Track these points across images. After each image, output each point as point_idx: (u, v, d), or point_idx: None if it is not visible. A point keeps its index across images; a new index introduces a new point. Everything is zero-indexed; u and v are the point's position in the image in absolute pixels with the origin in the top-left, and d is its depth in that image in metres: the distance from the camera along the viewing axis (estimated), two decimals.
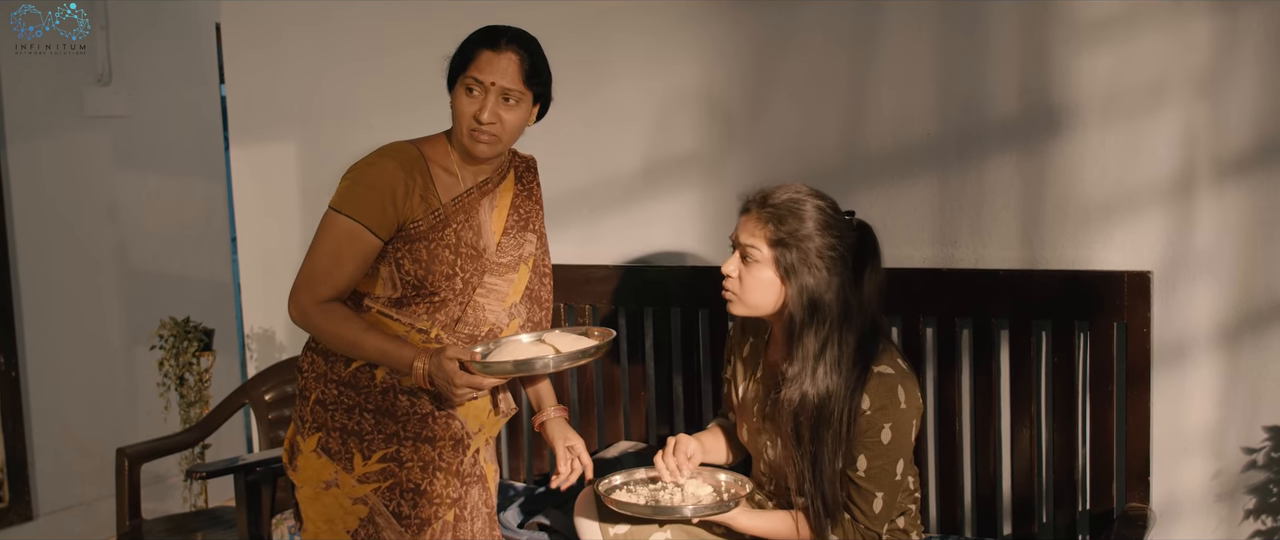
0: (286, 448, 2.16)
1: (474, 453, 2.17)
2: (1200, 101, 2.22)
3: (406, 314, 2.06)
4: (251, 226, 3.77)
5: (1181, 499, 2.31)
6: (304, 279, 2.04)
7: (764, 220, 2.05)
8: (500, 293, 2.13)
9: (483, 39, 2.02)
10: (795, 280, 2.03)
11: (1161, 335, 2.27)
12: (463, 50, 2.03)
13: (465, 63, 2.01)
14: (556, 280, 2.90)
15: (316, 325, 2.03)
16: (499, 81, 1.99)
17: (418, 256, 2.03)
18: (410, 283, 2.05)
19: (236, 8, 3.66)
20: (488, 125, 1.99)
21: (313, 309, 2.02)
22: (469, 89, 2.00)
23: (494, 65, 1.99)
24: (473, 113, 2.00)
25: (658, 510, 2.09)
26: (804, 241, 2.02)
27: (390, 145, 2.08)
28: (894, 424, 2.04)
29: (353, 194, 2.01)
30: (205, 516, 3.31)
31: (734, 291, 2.10)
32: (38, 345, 4.18)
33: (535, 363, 1.96)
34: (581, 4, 2.91)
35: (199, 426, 3.34)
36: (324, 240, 2.03)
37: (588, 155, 2.95)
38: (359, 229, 2.00)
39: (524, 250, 2.17)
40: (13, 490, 4.09)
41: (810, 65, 2.61)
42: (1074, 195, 2.35)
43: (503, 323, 2.14)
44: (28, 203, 4.14)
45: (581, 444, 2.24)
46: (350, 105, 3.37)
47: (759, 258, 2.05)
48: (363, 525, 2.07)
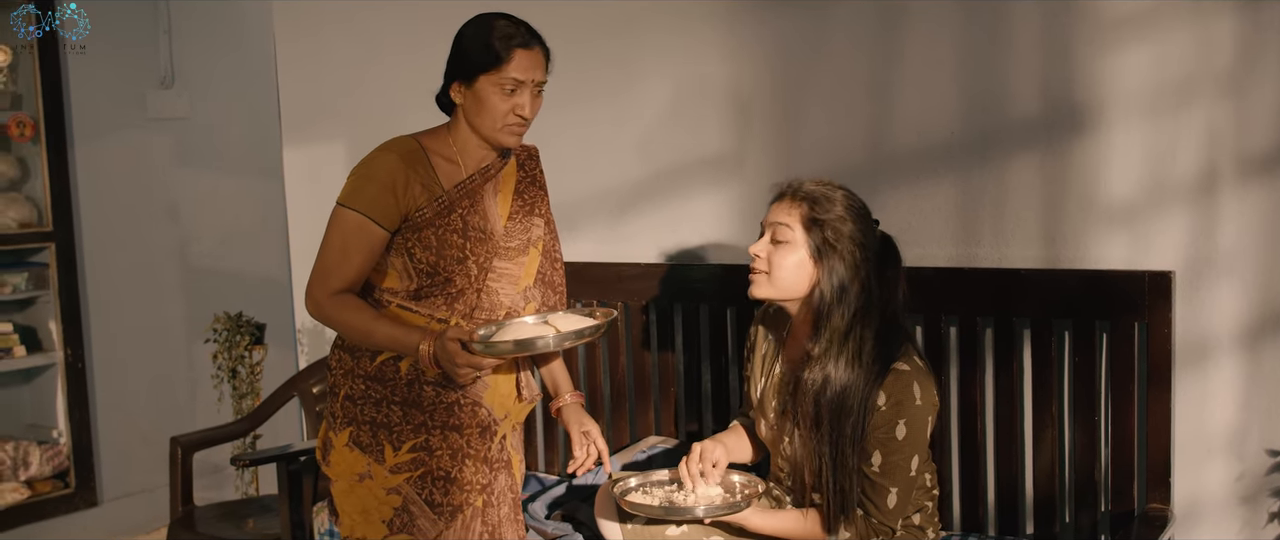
0: (320, 444, 2.23)
1: (501, 439, 2.23)
2: (1223, 101, 2.20)
3: (425, 306, 2.11)
4: (302, 224, 3.87)
5: (1204, 500, 2.29)
6: (316, 274, 2.12)
7: (799, 201, 2.10)
8: (512, 276, 2.19)
9: (514, 38, 2.06)
10: (827, 261, 2.07)
11: (1184, 335, 2.26)
12: (488, 48, 2.05)
13: (498, 62, 2.05)
14: (586, 277, 2.97)
15: (330, 316, 2.11)
16: (536, 77, 2.08)
17: (427, 243, 2.09)
18: (424, 271, 2.10)
19: (287, 10, 3.77)
20: (527, 119, 2.08)
21: (325, 301, 2.10)
22: (508, 89, 2.06)
23: (528, 62, 2.06)
24: (512, 108, 2.07)
25: (670, 510, 2.13)
26: (837, 223, 2.07)
27: (391, 140, 2.15)
28: (909, 420, 2.06)
29: (356, 188, 2.08)
30: (255, 504, 3.42)
31: (762, 272, 2.14)
32: (102, 338, 4.33)
33: (536, 342, 2.02)
34: (613, 4, 2.96)
35: (249, 417, 3.46)
36: (332, 235, 2.10)
37: (617, 154, 3.00)
38: (363, 221, 2.07)
39: (532, 234, 2.23)
40: (79, 477, 4.25)
41: (836, 65, 2.63)
42: (1096, 195, 2.34)
43: (519, 307, 2.20)
44: (93, 202, 4.29)
45: (597, 429, 2.29)
46: (396, 103, 3.45)
47: (791, 238, 2.09)
48: (397, 514, 2.12)
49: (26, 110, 4.14)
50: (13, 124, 4.09)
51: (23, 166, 4.20)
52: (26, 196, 4.19)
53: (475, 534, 2.18)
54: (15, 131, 4.10)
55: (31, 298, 4.23)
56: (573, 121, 3.04)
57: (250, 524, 3.19)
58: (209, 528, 3.12)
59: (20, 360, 4.15)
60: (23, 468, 4.08)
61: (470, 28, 2.11)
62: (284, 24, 3.81)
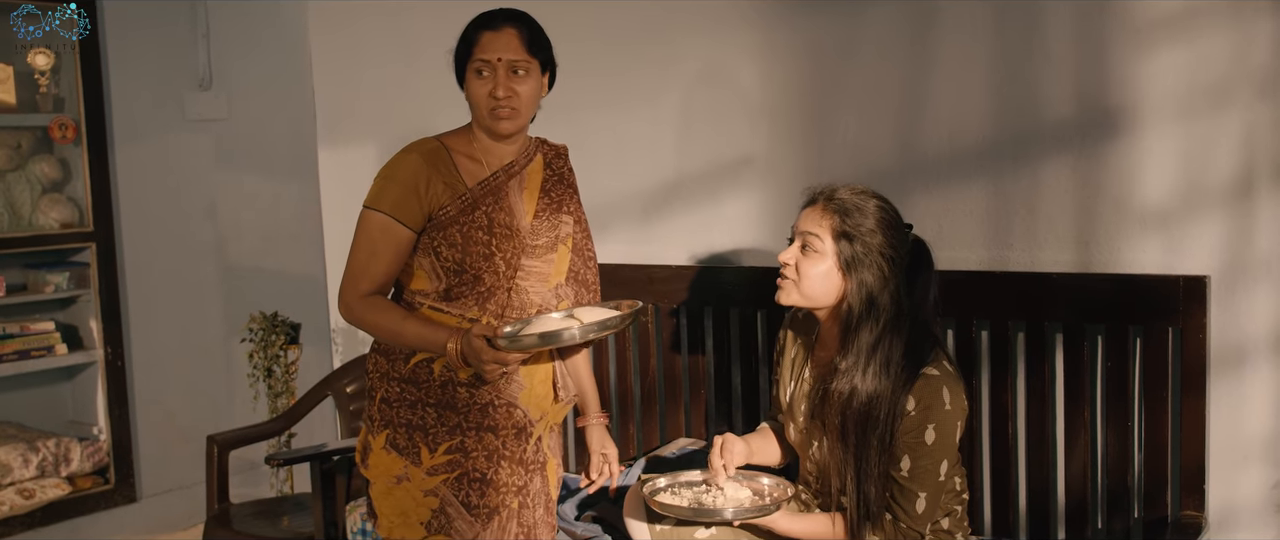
0: (359, 447, 2.25)
1: (536, 440, 2.23)
2: (1260, 103, 2.18)
3: (456, 306, 2.12)
4: (337, 224, 3.91)
5: (1239, 508, 2.26)
6: (346, 278, 2.15)
7: (830, 212, 2.10)
8: (541, 274, 2.19)
9: (480, 23, 2.12)
10: (856, 274, 2.07)
11: (1219, 341, 2.24)
12: (464, 39, 2.13)
13: (469, 48, 2.11)
14: (617, 279, 2.97)
15: (361, 318, 2.14)
16: (505, 56, 2.09)
17: (453, 240, 2.10)
18: (451, 270, 2.11)
19: (323, 11, 3.81)
20: (505, 100, 2.09)
21: (355, 303, 2.13)
22: (479, 72, 2.10)
23: (496, 42, 2.09)
24: (488, 92, 2.09)
25: (699, 512, 2.13)
26: (867, 236, 2.06)
27: (413, 141, 2.19)
28: (938, 425, 2.05)
29: (380, 190, 2.12)
30: (289, 502, 3.45)
31: (790, 279, 2.14)
32: (142, 337, 4.39)
33: (561, 334, 2.02)
34: (647, 8, 2.97)
35: (284, 416, 3.50)
36: (359, 238, 2.14)
37: (650, 155, 3.01)
38: (389, 222, 2.10)
39: (560, 232, 2.23)
40: (118, 473, 4.31)
41: (868, 69, 2.63)
42: (1130, 198, 2.32)
43: (551, 305, 2.20)
44: (133, 202, 4.35)
45: (615, 454, 2.35)
46: (430, 104, 3.46)
47: (821, 248, 2.09)
48: (434, 516, 2.14)
49: (68, 113, 4.21)
50: (55, 126, 4.16)
51: (65, 168, 4.27)
52: (68, 197, 4.26)
53: (511, 536, 2.20)
54: (57, 134, 4.17)
55: (73, 297, 4.29)
56: (606, 123, 3.05)
57: (285, 522, 3.22)
58: (244, 525, 3.16)
59: (62, 358, 4.22)
60: (64, 464, 4.15)
61: None
62: (319, 26, 3.85)
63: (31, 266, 4.21)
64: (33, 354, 4.14)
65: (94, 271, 4.23)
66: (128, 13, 4.28)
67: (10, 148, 4.15)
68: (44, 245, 4.16)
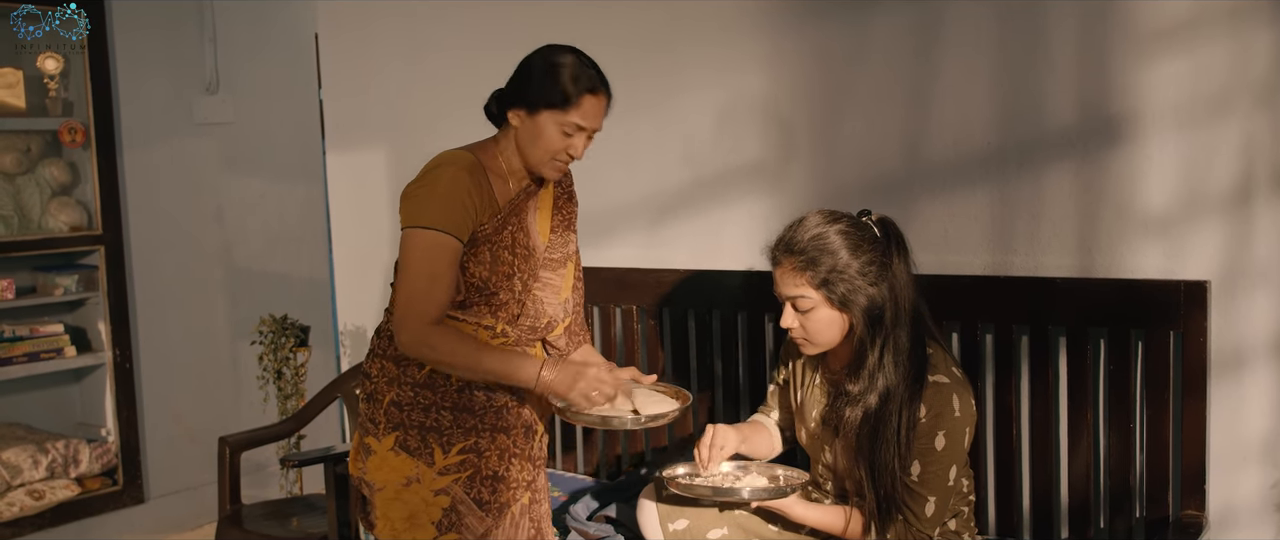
0: (354, 453, 2.23)
1: (541, 437, 2.29)
2: (1260, 112, 2.22)
3: (471, 314, 2.12)
4: (345, 229, 3.94)
5: (1239, 508, 2.30)
6: (407, 307, 2.03)
7: (800, 268, 2.12)
8: (555, 286, 2.24)
9: (588, 84, 2.06)
10: (853, 307, 2.11)
11: (1220, 345, 2.28)
12: (562, 90, 2.04)
13: (566, 103, 2.04)
14: (626, 283, 3.03)
15: (435, 347, 2.04)
16: (596, 125, 2.10)
17: (481, 259, 2.09)
18: (474, 286, 2.10)
19: (333, 14, 3.84)
20: (572, 160, 2.11)
21: (426, 332, 2.02)
22: (566, 132, 2.07)
23: (596, 111, 2.08)
24: (565, 148, 2.08)
25: (718, 492, 2.17)
26: (844, 270, 2.09)
27: (445, 155, 2.11)
28: (948, 431, 2.10)
29: (429, 206, 2.03)
30: (300, 502, 3.49)
31: (803, 338, 2.18)
32: (150, 339, 4.42)
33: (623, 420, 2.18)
34: (657, 16, 3.01)
35: (294, 418, 3.53)
36: (413, 261, 2.03)
37: (659, 162, 3.05)
38: (444, 238, 2.02)
39: (569, 248, 2.28)
40: (126, 474, 4.34)
41: (873, 76, 2.67)
42: (1131, 205, 2.36)
43: (559, 316, 2.25)
44: (141, 205, 4.37)
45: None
46: (438, 110, 3.51)
47: (811, 304, 2.13)
48: (445, 515, 2.14)
49: (77, 117, 4.24)
50: (64, 130, 4.19)
51: (74, 171, 4.30)
52: (77, 200, 4.28)
53: (524, 531, 2.23)
54: (67, 137, 4.20)
55: (81, 299, 4.32)
56: (616, 130, 3.07)
57: (295, 522, 3.25)
58: (256, 525, 3.19)
59: (70, 360, 4.25)
60: (73, 465, 4.18)
61: (542, 59, 2.08)
62: (327, 30, 3.88)
63: (41, 269, 4.24)
64: (42, 356, 4.16)
65: (103, 274, 4.26)
66: (136, 17, 4.30)
67: (20, 151, 4.18)
68: (53, 248, 4.18)
